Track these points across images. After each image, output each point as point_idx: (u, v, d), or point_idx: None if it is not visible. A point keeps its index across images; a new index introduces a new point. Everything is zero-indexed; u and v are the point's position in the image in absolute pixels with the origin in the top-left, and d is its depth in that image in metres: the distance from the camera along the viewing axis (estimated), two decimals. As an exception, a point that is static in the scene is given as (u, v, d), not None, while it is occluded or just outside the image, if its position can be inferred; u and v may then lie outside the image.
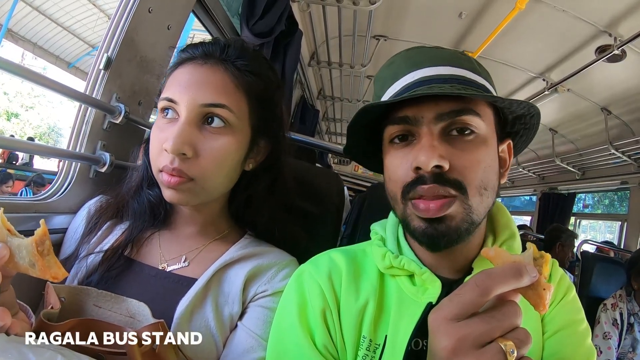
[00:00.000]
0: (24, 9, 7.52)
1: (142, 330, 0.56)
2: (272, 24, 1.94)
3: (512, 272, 0.40)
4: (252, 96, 0.73)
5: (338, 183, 1.12)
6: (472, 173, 0.56)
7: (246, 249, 0.78)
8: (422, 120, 0.57)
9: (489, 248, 0.46)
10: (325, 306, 0.64)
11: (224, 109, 0.68)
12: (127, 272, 0.73)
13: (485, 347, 0.39)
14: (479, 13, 2.60)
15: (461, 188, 0.55)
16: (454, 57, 0.62)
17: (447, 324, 0.40)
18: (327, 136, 6.98)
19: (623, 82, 2.89)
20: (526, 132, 0.68)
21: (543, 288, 0.41)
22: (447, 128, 0.57)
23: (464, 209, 0.56)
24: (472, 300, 0.40)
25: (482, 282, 0.40)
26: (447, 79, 0.59)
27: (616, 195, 8.20)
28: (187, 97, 0.67)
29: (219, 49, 0.72)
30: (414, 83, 0.60)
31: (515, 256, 0.43)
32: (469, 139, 0.57)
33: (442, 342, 0.40)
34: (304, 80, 3.72)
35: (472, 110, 0.57)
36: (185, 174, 0.67)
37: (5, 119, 15.40)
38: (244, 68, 0.72)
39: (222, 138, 0.69)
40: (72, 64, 9.60)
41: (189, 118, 0.67)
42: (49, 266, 0.47)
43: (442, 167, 0.54)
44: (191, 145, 0.66)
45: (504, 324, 0.39)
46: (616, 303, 2.29)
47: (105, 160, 0.99)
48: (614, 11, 2.25)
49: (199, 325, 0.68)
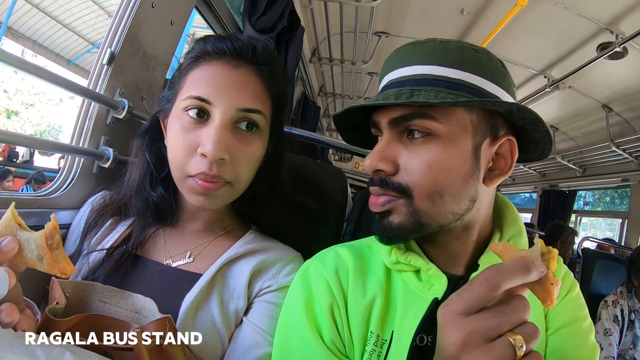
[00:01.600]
0: (23, 7, 7.50)
1: (149, 326, 0.56)
2: (274, 20, 1.94)
3: (521, 267, 0.40)
4: (275, 99, 0.75)
5: (342, 180, 1.12)
6: (420, 177, 0.56)
7: (251, 244, 0.78)
8: (380, 124, 0.61)
9: (498, 243, 0.46)
10: (333, 302, 0.64)
11: (260, 115, 0.69)
12: (132, 269, 0.73)
13: (494, 342, 0.39)
14: (480, 10, 2.60)
15: (404, 192, 0.57)
16: (433, 51, 0.59)
17: (456, 318, 0.41)
18: (328, 133, 6.98)
19: (624, 80, 2.88)
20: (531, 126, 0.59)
21: (551, 283, 0.41)
22: (403, 132, 0.59)
23: (408, 211, 0.58)
24: (482, 295, 0.40)
25: (491, 277, 0.40)
26: (407, 80, 0.59)
27: (617, 193, 8.21)
28: (224, 100, 0.65)
29: (249, 50, 0.70)
30: (385, 85, 0.63)
31: (523, 251, 0.43)
32: (419, 142, 0.57)
33: (452, 337, 0.40)
34: (305, 76, 3.71)
35: (425, 113, 0.55)
36: (223, 179, 0.67)
37: (5, 116, 15.37)
38: (271, 73, 0.72)
39: (255, 142, 0.71)
40: (72, 61, 9.57)
41: (225, 121, 0.66)
42: (57, 260, 0.46)
43: (383, 171, 0.58)
44: (228, 150, 0.66)
45: (513, 318, 0.40)
46: (617, 300, 2.29)
47: (109, 156, 0.98)
48: (616, 8, 2.24)
49: (204, 321, 0.68)
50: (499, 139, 0.59)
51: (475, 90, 0.57)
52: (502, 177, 0.61)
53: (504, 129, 0.60)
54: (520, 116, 0.57)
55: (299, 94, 3.86)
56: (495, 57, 0.61)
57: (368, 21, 2.76)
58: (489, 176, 0.60)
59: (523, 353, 0.38)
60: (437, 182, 0.56)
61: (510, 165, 0.61)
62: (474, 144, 0.57)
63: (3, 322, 0.42)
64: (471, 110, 0.57)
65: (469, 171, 0.57)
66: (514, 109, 0.55)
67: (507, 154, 0.61)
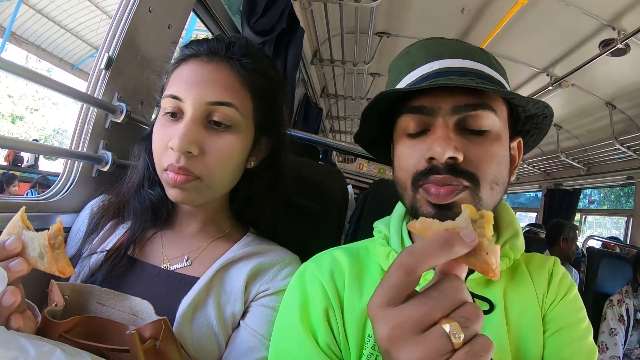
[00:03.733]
0: (27, 12, 7.56)
1: (145, 328, 0.56)
2: (273, 22, 1.94)
3: (439, 243, 0.35)
4: (257, 95, 0.73)
5: (341, 180, 1.12)
6: (486, 166, 0.56)
7: (248, 247, 0.78)
8: (439, 111, 0.57)
9: (414, 221, 0.40)
10: (328, 305, 0.63)
11: (230, 108, 0.68)
12: (130, 272, 0.73)
13: (427, 332, 0.34)
14: (481, 8, 2.59)
15: (474, 180, 0.56)
16: (473, 51, 0.62)
17: (382, 311, 0.36)
18: (331, 134, 6.98)
19: (627, 77, 2.87)
20: (537, 132, 0.68)
21: (486, 252, 0.36)
22: (462, 121, 0.57)
23: (473, 199, 0.56)
24: (399, 282, 0.36)
25: (404, 261, 0.36)
26: (466, 72, 0.59)
27: (622, 192, 8.15)
28: (192, 95, 0.67)
29: (224, 47, 0.71)
30: (432, 73, 0.60)
31: (446, 223, 0.38)
32: (476, 133, 0.57)
33: (380, 332, 0.36)
34: (306, 78, 3.72)
35: (488, 105, 0.57)
36: (192, 172, 0.67)
37: (10, 121, 15.50)
38: (249, 66, 0.72)
39: (228, 136, 0.69)
40: (76, 65, 9.63)
41: (194, 116, 0.67)
42: (57, 260, 0.47)
43: (456, 158, 0.54)
44: (197, 144, 0.66)
45: (444, 302, 0.35)
46: (622, 299, 2.28)
47: (108, 160, 0.99)
48: (617, 5, 2.23)
49: (201, 324, 0.68)
50: (515, 138, 0.65)
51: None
52: (514, 174, 0.65)
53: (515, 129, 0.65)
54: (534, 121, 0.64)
55: (301, 95, 3.86)
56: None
57: (368, 22, 2.76)
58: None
59: (462, 341, 0.33)
60: (497, 172, 0.58)
61: (518, 163, 0.65)
62: (508, 139, 0.62)
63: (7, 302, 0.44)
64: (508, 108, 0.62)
65: (509, 164, 0.62)
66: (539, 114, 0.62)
67: (516, 151, 0.66)
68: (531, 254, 0.71)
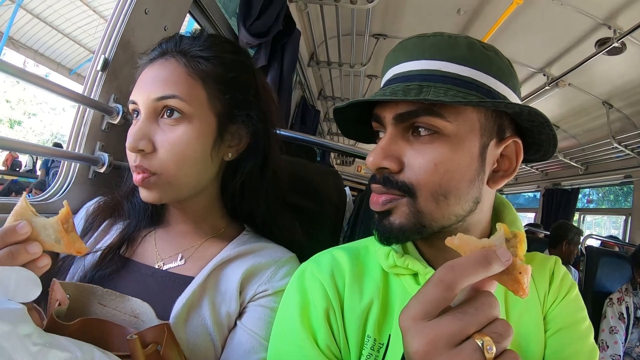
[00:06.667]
0: (24, 17, 7.57)
1: (147, 332, 0.55)
2: (270, 24, 1.94)
3: (478, 261, 0.37)
4: (210, 81, 0.72)
5: (337, 181, 1.12)
6: (427, 176, 0.54)
7: (243, 245, 0.77)
8: (384, 120, 0.58)
9: (453, 237, 0.41)
10: (329, 306, 0.62)
11: (175, 99, 0.68)
12: (124, 272, 0.72)
13: (460, 346, 0.35)
14: (477, 9, 2.60)
15: (408, 191, 0.55)
16: (442, 46, 0.57)
17: (417, 324, 0.37)
18: (329, 137, 6.98)
19: (624, 75, 2.88)
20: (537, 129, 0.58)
21: (519, 272, 0.37)
22: (408, 128, 0.56)
23: (410, 211, 0.56)
24: (438, 297, 0.37)
25: (445, 277, 0.37)
26: (414, 75, 0.57)
27: (621, 191, 8.16)
28: (142, 95, 0.69)
29: (173, 44, 0.73)
30: (389, 80, 0.61)
31: (484, 241, 0.40)
32: (425, 140, 0.55)
33: (414, 345, 0.37)
34: (303, 80, 3.72)
35: (433, 111, 0.53)
36: (147, 170, 0.68)
37: (8, 126, 15.49)
38: (197, 54, 0.72)
39: (178, 128, 0.69)
40: (74, 70, 9.65)
41: (146, 115, 0.69)
42: (73, 242, 0.51)
43: (387, 169, 0.55)
44: (148, 140, 0.68)
45: (479, 318, 0.36)
46: (622, 297, 2.28)
47: (104, 161, 0.99)
48: (613, 3, 2.24)
49: (196, 324, 0.68)
50: (505, 140, 0.58)
51: (485, 90, 0.55)
52: (506, 179, 0.60)
53: (510, 130, 0.59)
54: (529, 118, 0.56)
55: (298, 98, 3.86)
56: (503, 56, 0.59)
57: (365, 23, 2.77)
58: (493, 178, 0.59)
59: (493, 355, 0.35)
60: (443, 182, 0.54)
61: (515, 167, 0.60)
62: (481, 144, 0.56)
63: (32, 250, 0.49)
64: (479, 110, 0.55)
65: (475, 173, 0.56)
66: (524, 111, 0.53)
67: (512, 155, 0.59)
68: (532, 253, 0.69)
